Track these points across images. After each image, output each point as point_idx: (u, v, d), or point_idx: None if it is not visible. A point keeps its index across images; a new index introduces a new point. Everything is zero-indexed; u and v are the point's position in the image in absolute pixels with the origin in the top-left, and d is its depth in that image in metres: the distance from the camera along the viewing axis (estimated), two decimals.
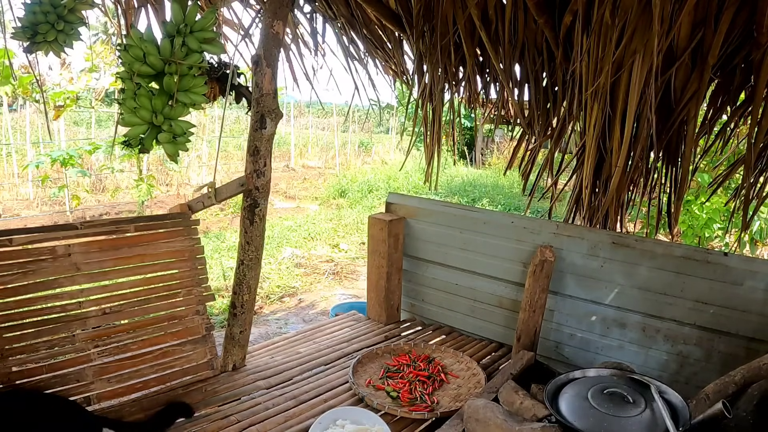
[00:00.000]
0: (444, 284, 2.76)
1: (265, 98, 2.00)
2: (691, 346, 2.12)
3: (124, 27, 2.63)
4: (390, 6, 2.85)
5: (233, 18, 2.97)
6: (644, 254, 2.16)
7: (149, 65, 1.54)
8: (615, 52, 2.14)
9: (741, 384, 1.51)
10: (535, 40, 2.65)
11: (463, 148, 13.36)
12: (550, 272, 2.27)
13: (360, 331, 2.73)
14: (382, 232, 2.71)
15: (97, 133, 10.55)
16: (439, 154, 3.09)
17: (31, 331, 1.69)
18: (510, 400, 1.67)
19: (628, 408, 1.46)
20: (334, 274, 5.89)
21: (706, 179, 4.66)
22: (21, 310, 1.70)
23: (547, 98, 2.89)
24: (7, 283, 1.67)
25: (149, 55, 1.52)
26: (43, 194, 8.20)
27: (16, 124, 10.01)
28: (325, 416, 1.76)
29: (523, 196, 4.66)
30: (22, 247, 1.71)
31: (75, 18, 1.77)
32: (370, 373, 2.22)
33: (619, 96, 2.29)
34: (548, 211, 3.21)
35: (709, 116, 2.64)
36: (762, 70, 2.12)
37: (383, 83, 9.79)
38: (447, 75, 2.92)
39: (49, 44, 1.75)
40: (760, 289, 1.96)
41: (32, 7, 1.69)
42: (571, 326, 2.40)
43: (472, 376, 2.23)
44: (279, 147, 12.93)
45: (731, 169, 2.69)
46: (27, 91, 7.03)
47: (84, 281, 1.81)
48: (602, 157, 2.53)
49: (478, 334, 2.69)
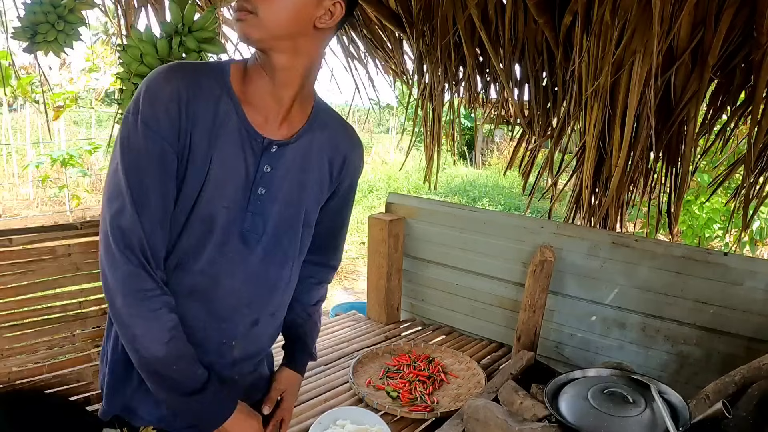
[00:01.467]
0: (444, 284, 2.76)
1: None
2: (691, 346, 2.12)
3: (124, 27, 2.62)
4: (390, 6, 2.85)
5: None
6: (644, 254, 2.16)
7: (146, 65, 1.54)
8: (615, 52, 2.14)
9: (741, 384, 1.51)
10: (535, 40, 2.65)
11: (463, 148, 13.35)
12: (550, 272, 2.27)
13: (360, 331, 2.73)
14: (382, 232, 2.71)
15: (97, 133, 10.55)
16: (439, 154, 3.10)
17: (31, 331, 1.70)
18: (510, 400, 1.67)
19: (628, 408, 1.46)
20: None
21: (706, 179, 4.65)
22: (21, 310, 1.70)
23: (547, 98, 2.89)
24: (7, 283, 1.67)
25: (146, 55, 1.53)
26: (43, 194, 8.21)
27: (16, 124, 10.01)
28: (325, 416, 1.76)
29: (523, 196, 4.66)
30: (22, 247, 1.71)
31: (75, 18, 1.77)
32: (370, 373, 2.22)
33: (619, 96, 2.29)
34: (548, 211, 3.21)
35: (709, 116, 2.64)
36: (762, 70, 2.12)
37: (383, 83, 9.79)
38: (447, 75, 2.92)
39: (49, 44, 1.75)
40: (760, 289, 1.96)
41: (32, 7, 1.69)
42: (571, 326, 2.40)
43: (472, 376, 2.23)
44: None
45: (731, 169, 2.69)
46: (26, 92, 7.03)
47: (84, 281, 1.81)
48: (602, 157, 2.53)
49: (478, 334, 2.69)
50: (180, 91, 0.94)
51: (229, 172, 1.00)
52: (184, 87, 0.94)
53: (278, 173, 1.03)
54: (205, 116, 0.96)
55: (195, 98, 0.95)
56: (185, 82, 0.94)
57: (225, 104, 0.98)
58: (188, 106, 0.94)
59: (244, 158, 1.00)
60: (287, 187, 1.05)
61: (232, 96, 0.99)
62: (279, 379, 1.24)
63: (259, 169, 1.01)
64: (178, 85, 0.94)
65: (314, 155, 1.09)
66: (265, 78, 0.99)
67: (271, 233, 1.06)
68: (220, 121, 0.98)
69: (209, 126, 0.97)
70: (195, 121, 0.95)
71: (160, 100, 0.93)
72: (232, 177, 1.00)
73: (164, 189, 0.95)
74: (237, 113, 0.99)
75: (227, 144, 0.98)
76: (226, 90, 0.99)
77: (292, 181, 1.06)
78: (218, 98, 0.98)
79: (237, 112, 0.99)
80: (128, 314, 0.95)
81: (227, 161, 0.99)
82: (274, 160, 1.03)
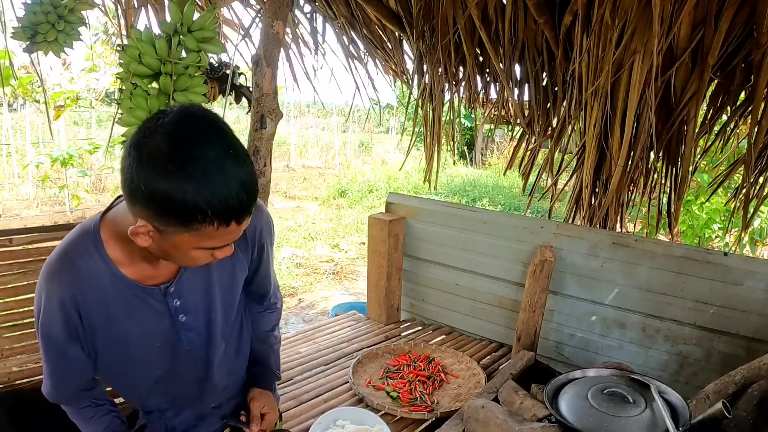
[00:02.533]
0: (444, 284, 2.76)
1: (265, 98, 2.00)
2: (691, 346, 2.12)
3: (124, 27, 2.62)
4: (390, 6, 2.85)
5: (233, 18, 2.97)
6: (644, 254, 2.16)
7: (145, 65, 1.54)
8: (615, 52, 2.14)
9: (741, 384, 1.51)
10: (535, 40, 2.65)
11: (463, 148, 13.35)
12: (550, 272, 2.26)
13: (360, 331, 2.73)
14: (382, 232, 2.71)
15: (98, 133, 10.54)
16: (439, 154, 3.09)
17: (31, 331, 1.69)
18: (510, 400, 1.67)
19: (628, 408, 1.46)
20: (334, 274, 5.89)
21: (706, 179, 4.65)
22: (21, 310, 1.70)
23: (547, 98, 2.89)
24: (7, 283, 1.67)
25: (145, 55, 1.52)
26: (43, 194, 8.20)
27: (16, 124, 10.01)
28: (325, 416, 1.76)
29: (523, 196, 4.66)
30: (22, 247, 1.71)
31: (75, 18, 1.76)
32: (370, 373, 2.22)
33: (619, 96, 2.29)
34: (548, 211, 3.21)
35: (709, 116, 2.64)
36: (762, 70, 2.12)
37: (383, 83, 9.79)
38: (447, 75, 2.92)
39: (49, 44, 1.75)
40: (760, 289, 1.96)
41: (32, 7, 1.69)
42: (571, 326, 2.40)
43: (472, 376, 2.23)
44: (279, 147, 12.93)
45: (731, 169, 2.69)
46: (27, 91, 7.03)
47: None
48: (602, 157, 2.53)
49: (478, 334, 2.69)
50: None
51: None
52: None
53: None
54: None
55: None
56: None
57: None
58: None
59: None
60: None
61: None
62: (255, 397, 1.32)
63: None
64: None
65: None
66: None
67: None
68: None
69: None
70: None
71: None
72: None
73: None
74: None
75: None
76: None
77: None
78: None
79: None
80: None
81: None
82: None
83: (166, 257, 1.01)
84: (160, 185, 0.85)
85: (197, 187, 0.85)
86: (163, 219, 0.89)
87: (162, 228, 0.90)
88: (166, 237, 0.92)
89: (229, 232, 0.91)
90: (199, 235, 0.90)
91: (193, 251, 0.95)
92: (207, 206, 0.86)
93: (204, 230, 0.89)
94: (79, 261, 1.03)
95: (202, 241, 0.92)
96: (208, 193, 0.85)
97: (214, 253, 0.98)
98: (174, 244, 0.93)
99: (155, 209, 0.88)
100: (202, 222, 0.88)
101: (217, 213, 0.87)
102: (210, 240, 0.92)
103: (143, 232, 0.92)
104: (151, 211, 0.89)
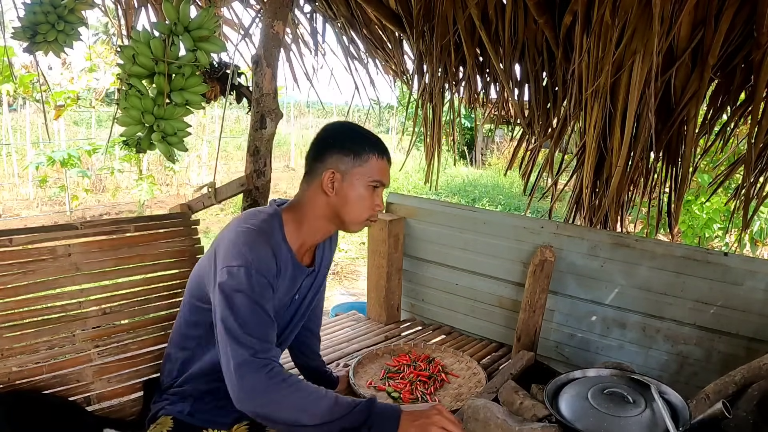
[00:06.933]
0: (444, 284, 2.76)
1: (265, 98, 2.00)
2: (691, 346, 2.12)
3: (124, 27, 2.63)
4: (390, 6, 2.85)
5: (233, 18, 2.98)
6: (644, 254, 2.16)
7: (140, 65, 1.54)
8: (615, 52, 2.14)
9: (741, 384, 1.51)
10: (535, 40, 2.65)
11: (463, 148, 13.35)
12: (550, 272, 2.26)
13: (360, 331, 2.73)
14: (382, 232, 2.71)
15: (97, 133, 10.54)
16: (439, 154, 3.10)
17: (31, 331, 1.69)
18: (510, 400, 1.67)
19: (628, 408, 1.46)
20: (334, 274, 5.89)
21: (706, 179, 4.65)
22: (21, 310, 1.70)
23: (547, 98, 2.89)
24: (7, 283, 1.66)
25: (139, 56, 1.52)
26: (43, 194, 8.21)
27: (16, 124, 10.00)
28: None
29: (523, 196, 4.66)
30: (22, 247, 1.71)
31: (75, 18, 1.76)
32: (370, 374, 2.22)
33: (619, 96, 2.29)
34: (548, 211, 3.21)
35: (709, 116, 2.64)
36: (762, 70, 2.12)
37: (383, 83, 9.78)
38: (447, 75, 2.92)
39: (49, 44, 1.75)
40: (760, 289, 1.96)
41: (32, 7, 1.69)
42: (571, 326, 2.40)
43: (473, 375, 2.23)
44: (279, 147, 12.91)
45: (731, 169, 2.69)
46: (28, 90, 7.03)
47: (84, 281, 1.81)
48: (602, 157, 2.53)
49: (478, 334, 2.69)
50: None
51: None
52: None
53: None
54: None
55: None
56: None
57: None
58: None
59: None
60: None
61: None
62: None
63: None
64: None
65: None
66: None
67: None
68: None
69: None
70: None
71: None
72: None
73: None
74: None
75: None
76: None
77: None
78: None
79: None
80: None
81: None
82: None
83: (343, 205, 1.38)
84: (345, 133, 1.43)
85: (365, 133, 1.45)
86: (343, 155, 1.36)
87: (342, 169, 1.36)
88: (346, 177, 1.36)
89: (383, 167, 1.40)
90: (368, 166, 1.37)
91: (364, 189, 1.37)
92: (370, 142, 1.40)
93: (370, 161, 1.37)
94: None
95: (371, 172, 1.37)
96: (370, 136, 1.43)
97: (375, 198, 1.40)
98: (351, 183, 1.36)
99: (339, 149, 1.37)
100: (369, 153, 1.37)
101: (376, 147, 1.40)
102: (374, 172, 1.38)
103: (329, 179, 1.35)
104: (336, 151, 1.37)
